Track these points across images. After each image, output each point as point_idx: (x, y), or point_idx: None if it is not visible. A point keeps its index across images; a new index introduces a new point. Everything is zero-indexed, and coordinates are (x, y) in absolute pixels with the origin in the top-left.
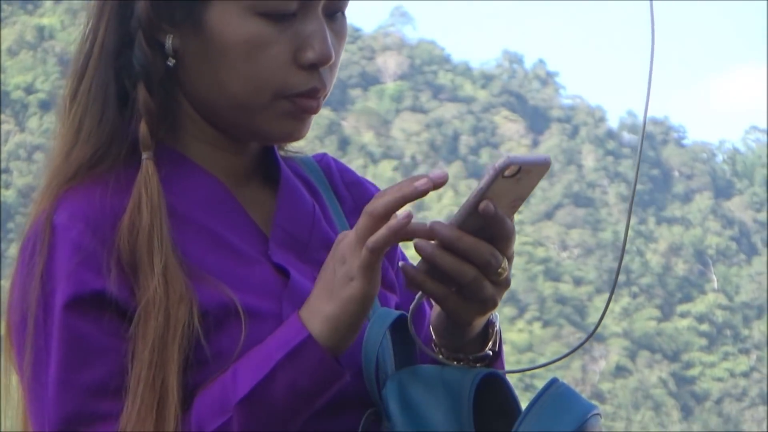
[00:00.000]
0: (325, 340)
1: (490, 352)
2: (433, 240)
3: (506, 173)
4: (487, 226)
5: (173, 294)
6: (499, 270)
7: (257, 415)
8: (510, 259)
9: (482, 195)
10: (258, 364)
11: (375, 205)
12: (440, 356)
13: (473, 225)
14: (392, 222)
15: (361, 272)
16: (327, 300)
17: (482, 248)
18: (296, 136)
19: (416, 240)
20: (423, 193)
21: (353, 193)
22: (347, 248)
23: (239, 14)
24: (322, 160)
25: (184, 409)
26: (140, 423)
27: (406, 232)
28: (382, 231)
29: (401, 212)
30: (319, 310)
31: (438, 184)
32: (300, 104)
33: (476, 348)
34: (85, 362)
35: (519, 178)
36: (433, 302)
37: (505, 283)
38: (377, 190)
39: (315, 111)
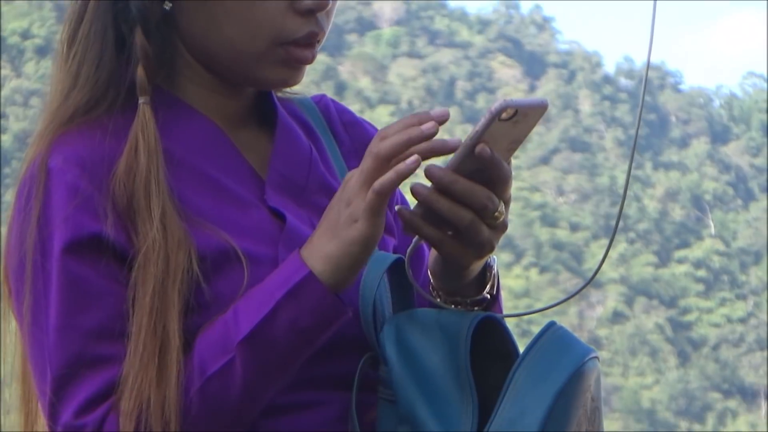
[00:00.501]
0: (326, 278)
1: (488, 296)
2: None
3: (503, 116)
4: (483, 170)
5: (172, 240)
6: (496, 213)
7: (259, 354)
8: (507, 203)
9: (478, 138)
10: (259, 303)
11: (381, 147)
12: (438, 300)
13: (470, 168)
14: (400, 166)
15: (365, 214)
16: (330, 240)
17: (478, 192)
18: (291, 83)
19: (412, 183)
20: (430, 137)
21: (352, 134)
22: (352, 190)
23: None
24: (321, 101)
25: (185, 352)
26: (143, 369)
27: (415, 170)
28: (390, 174)
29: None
30: (321, 249)
31: (441, 122)
32: (295, 54)
33: (474, 291)
34: (84, 306)
35: (516, 121)
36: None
37: (502, 227)
38: (376, 130)
39: (310, 61)
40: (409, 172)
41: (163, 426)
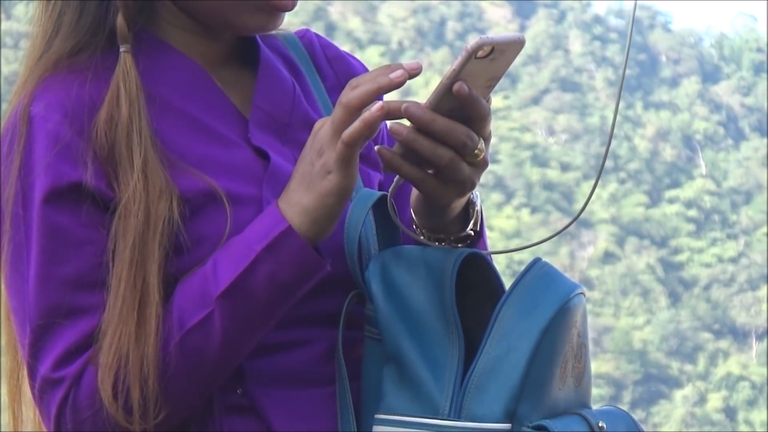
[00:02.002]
0: (304, 231)
1: (472, 232)
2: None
3: (479, 54)
4: (462, 108)
5: (153, 190)
6: (476, 151)
7: (238, 308)
8: (487, 140)
9: (455, 76)
10: (238, 256)
11: (350, 97)
12: (421, 237)
13: (448, 107)
14: (366, 115)
15: (337, 165)
16: (305, 192)
17: (457, 129)
18: (269, 28)
19: (391, 123)
20: (399, 85)
21: (336, 68)
22: (323, 140)
23: None
24: (305, 36)
25: (164, 303)
26: (122, 323)
27: (383, 118)
28: (356, 124)
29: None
30: (297, 202)
31: (413, 74)
32: (274, 2)
33: (457, 228)
34: (64, 255)
35: (493, 57)
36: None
37: (482, 164)
38: (360, 64)
39: (290, 8)
40: (375, 120)
41: (141, 380)
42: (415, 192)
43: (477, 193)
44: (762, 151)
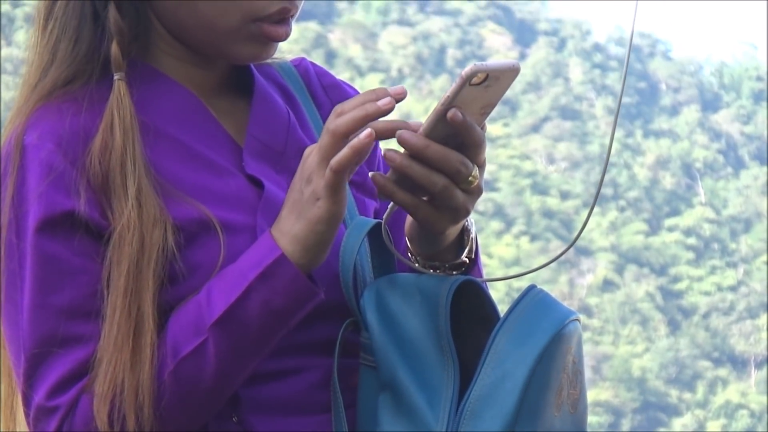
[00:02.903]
0: (297, 259)
1: (467, 260)
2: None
3: (474, 81)
4: (456, 134)
5: (147, 218)
6: (470, 178)
7: (232, 336)
8: (481, 167)
9: (450, 103)
10: (232, 284)
11: (337, 124)
12: (416, 265)
13: (442, 133)
14: (354, 141)
15: (326, 192)
16: (295, 220)
17: (451, 156)
18: (263, 58)
19: (385, 149)
20: (387, 112)
21: (332, 96)
22: (311, 167)
23: None
24: (300, 65)
25: (159, 332)
26: (117, 351)
27: (371, 145)
28: (345, 151)
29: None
30: (289, 231)
31: (398, 99)
32: (267, 31)
33: (452, 256)
34: (57, 284)
35: (488, 84)
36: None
37: (477, 192)
38: (356, 92)
39: (283, 38)
40: (364, 146)
41: (137, 408)
42: (409, 219)
43: (472, 221)
44: (761, 180)
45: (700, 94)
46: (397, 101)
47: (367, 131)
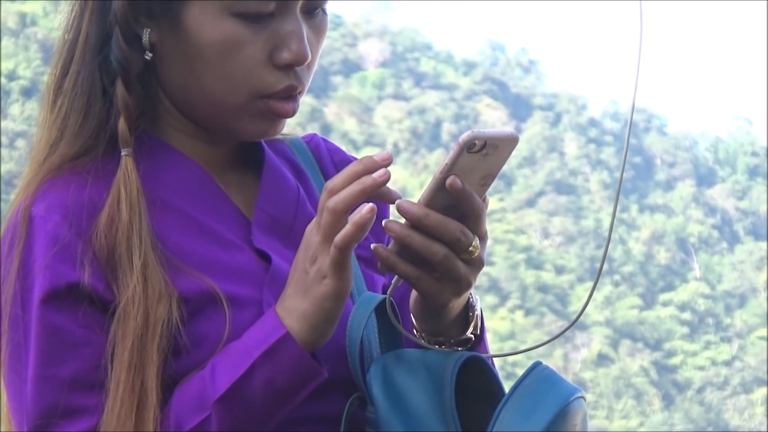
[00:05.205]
0: (303, 337)
1: (472, 336)
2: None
3: (473, 149)
4: (456, 204)
5: (152, 292)
6: (471, 248)
7: (235, 413)
8: (482, 238)
9: (448, 171)
10: (236, 361)
11: (336, 201)
12: (422, 340)
13: (442, 202)
14: (356, 218)
15: (332, 270)
16: (302, 299)
17: (451, 225)
18: (270, 134)
19: (385, 220)
20: (383, 184)
21: None
22: (315, 246)
23: (216, 14)
24: (312, 141)
25: (162, 406)
26: (120, 425)
27: (373, 219)
28: (349, 228)
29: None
30: (295, 309)
31: (385, 165)
32: (275, 108)
33: (457, 332)
34: (61, 356)
35: (486, 153)
36: (409, 285)
37: (478, 263)
38: None
39: (290, 115)
40: (366, 222)
41: None
42: (414, 295)
43: (477, 297)
44: (756, 255)
45: (695, 169)
46: (384, 167)
47: (368, 206)
